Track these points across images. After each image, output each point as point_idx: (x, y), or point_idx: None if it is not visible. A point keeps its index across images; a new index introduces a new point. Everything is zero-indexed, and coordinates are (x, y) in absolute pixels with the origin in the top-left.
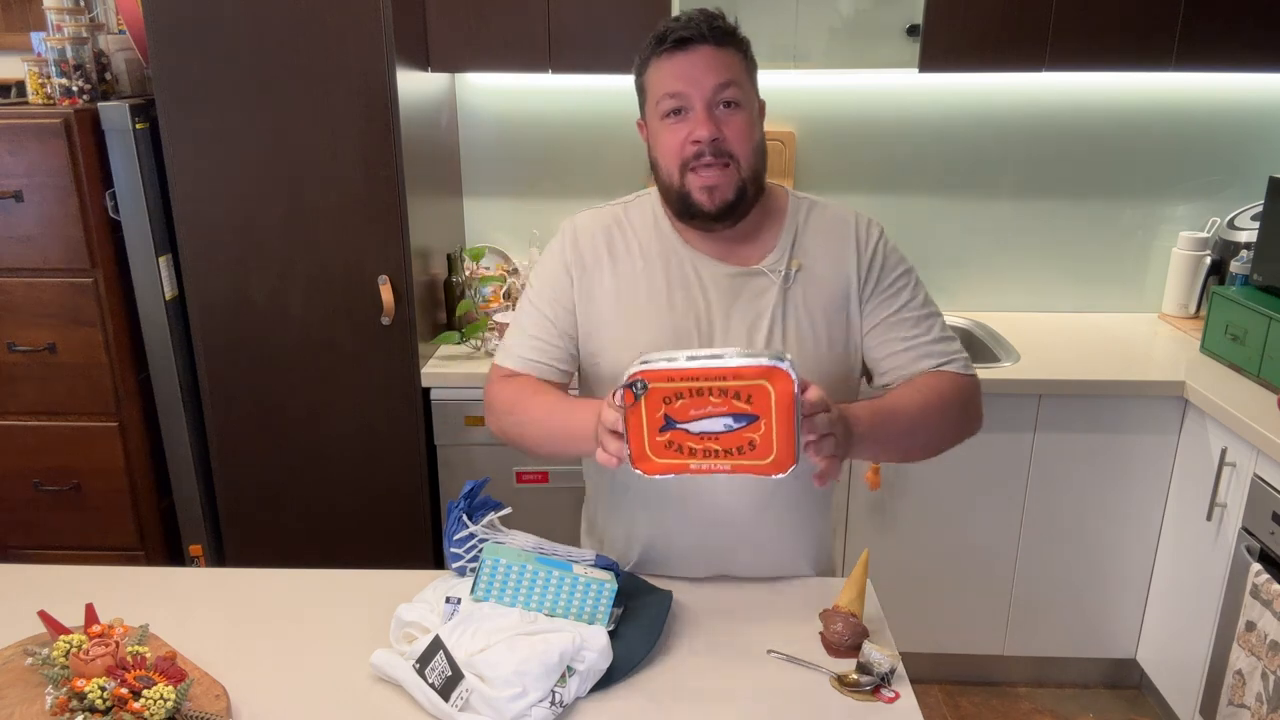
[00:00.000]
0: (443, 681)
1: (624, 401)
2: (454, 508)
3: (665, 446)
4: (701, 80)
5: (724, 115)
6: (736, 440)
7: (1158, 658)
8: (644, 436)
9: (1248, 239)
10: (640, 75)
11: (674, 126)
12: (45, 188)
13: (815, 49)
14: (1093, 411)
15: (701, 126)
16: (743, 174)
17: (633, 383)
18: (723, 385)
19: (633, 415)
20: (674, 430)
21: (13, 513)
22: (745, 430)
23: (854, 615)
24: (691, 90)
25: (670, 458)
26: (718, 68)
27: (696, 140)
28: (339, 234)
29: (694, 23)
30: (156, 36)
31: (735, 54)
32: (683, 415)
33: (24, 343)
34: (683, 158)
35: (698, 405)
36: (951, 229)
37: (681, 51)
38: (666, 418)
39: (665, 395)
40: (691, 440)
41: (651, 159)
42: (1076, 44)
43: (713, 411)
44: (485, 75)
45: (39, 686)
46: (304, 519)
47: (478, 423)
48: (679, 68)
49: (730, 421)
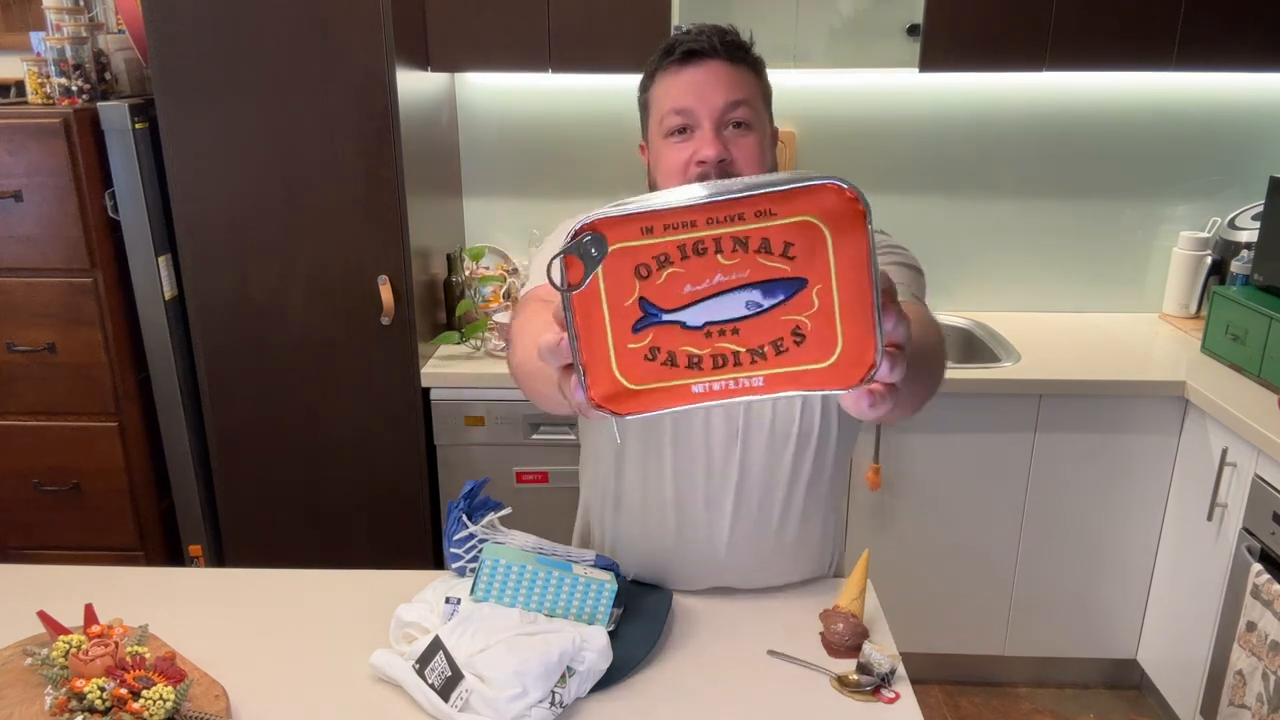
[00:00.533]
0: (442, 682)
1: (564, 280)
2: (454, 508)
3: (645, 359)
4: (710, 96)
5: (733, 136)
6: (771, 328)
7: (1158, 658)
8: (607, 344)
9: (1248, 239)
10: (644, 91)
11: (677, 146)
12: (45, 188)
13: (815, 49)
14: (1093, 411)
15: (708, 146)
16: None
17: (576, 242)
18: (741, 231)
19: (583, 306)
20: (657, 324)
21: (12, 513)
22: (785, 308)
23: (854, 616)
24: (699, 107)
25: (654, 377)
26: (729, 85)
27: (701, 161)
28: (339, 234)
29: (705, 35)
30: (156, 36)
31: (749, 73)
32: (670, 296)
33: (23, 343)
34: (685, 179)
35: (697, 273)
36: (951, 229)
37: (691, 65)
38: (643, 303)
39: (639, 262)
40: (690, 340)
41: (651, 183)
42: (1077, 44)
43: (725, 283)
44: (485, 75)
45: (38, 687)
46: (304, 519)
47: (478, 423)
48: (687, 82)
49: (758, 297)
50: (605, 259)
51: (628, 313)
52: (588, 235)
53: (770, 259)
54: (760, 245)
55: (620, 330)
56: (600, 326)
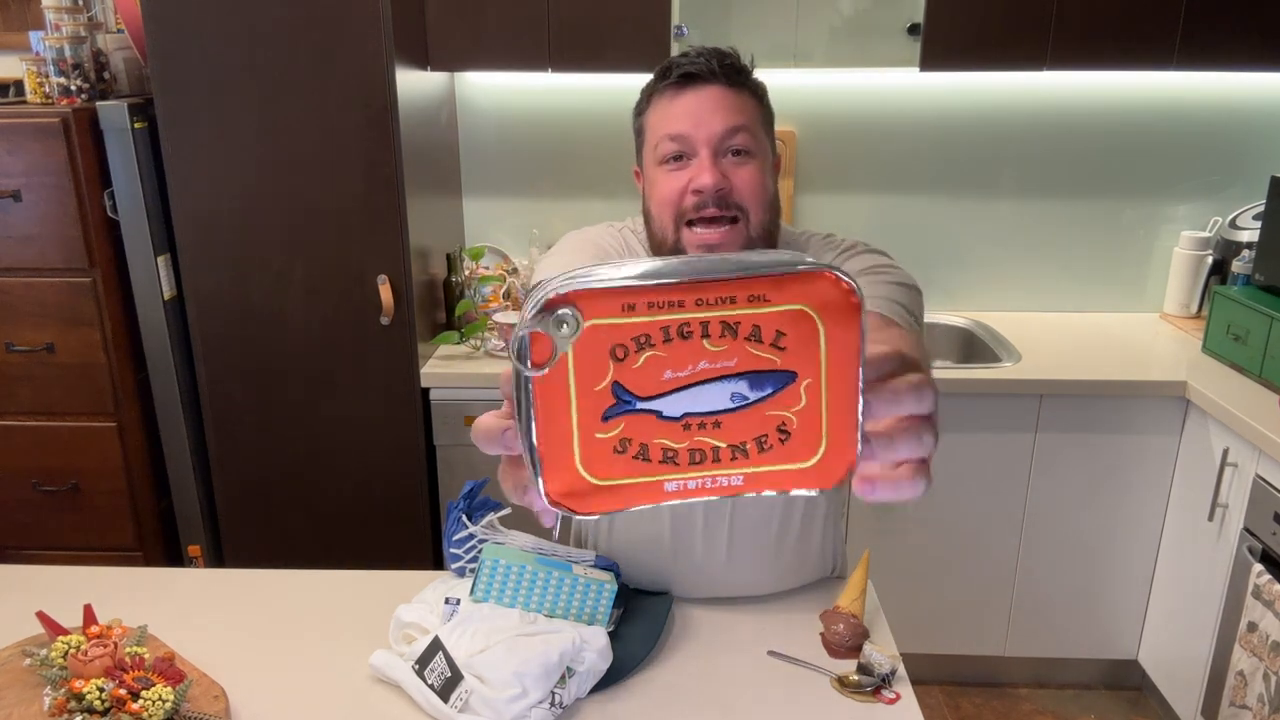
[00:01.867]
0: (442, 683)
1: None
2: (453, 508)
3: (614, 450)
4: (708, 122)
5: (731, 164)
6: (755, 424)
7: (1159, 658)
8: (571, 432)
9: (1249, 239)
10: (639, 115)
11: (673, 174)
12: (43, 187)
13: (815, 48)
14: (1094, 412)
15: (705, 174)
16: (751, 232)
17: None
18: (732, 315)
19: (545, 389)
20: (630, 413)
21: (11, 513)
22: (771, 402)
23: (854, 616)
24: (696, 133)
25: (623, 472)
26: (728, 110)
27: (698, 190)
28: (338, 234)
29: (703, 58)
30: (155, 36)
31: (749, 98)
32: (648, 382)
33: (22, 343)
34: (679, 209)
35: (680, 358)
36: (951, 229)
37: (688, 90)
38: (617, 389)
39: (616, 343)
40: (666, 431)
41: (645, 210)
42: (1078, 43)
43: (709, 370)
44: (485, 74)
45: (37, 687)
46: (303, 519)
47: None
48: (683, 107)
49: (744, 389)
50: (577, 338)
51: (598, 398)
52: (562, 308)
53: (760, 348)
54: (751, 333)
55: (588, 418)
56: (565, 413)
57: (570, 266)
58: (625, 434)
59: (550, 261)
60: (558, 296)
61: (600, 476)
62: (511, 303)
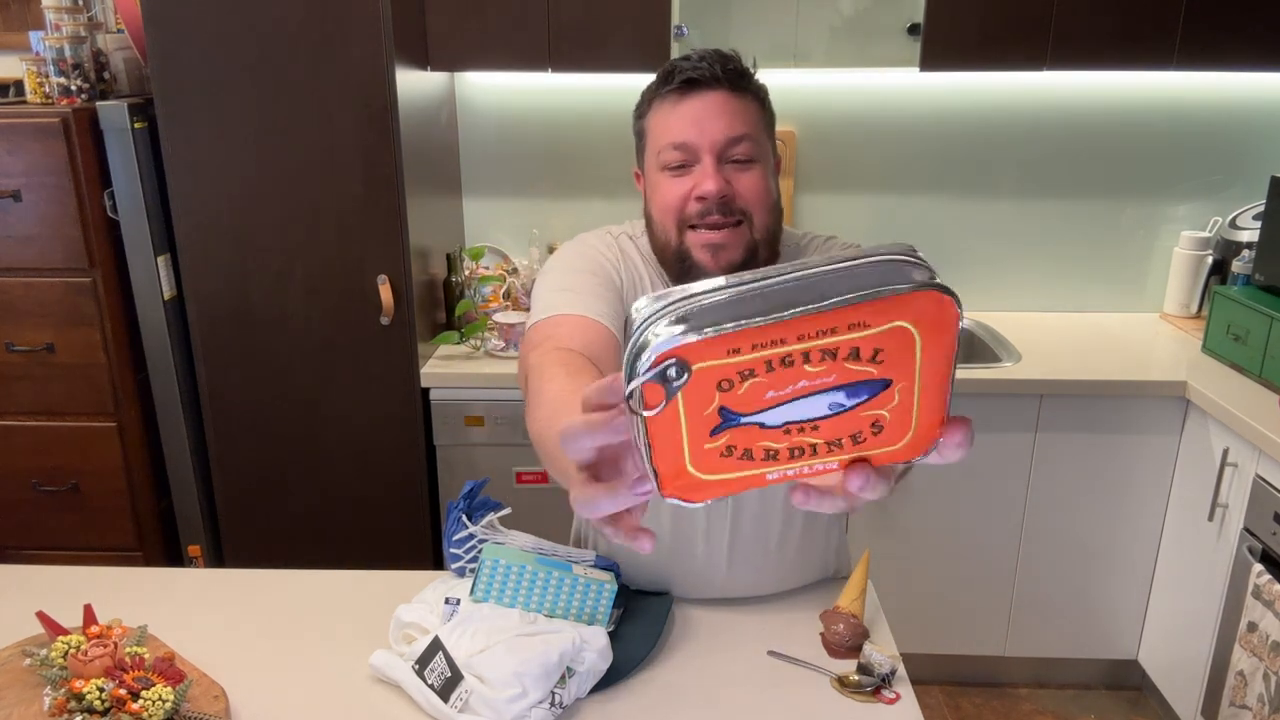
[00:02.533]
0: (442, 682)
1: (643, 406)
2: (453, 508)
3: (721, 455)
4: (711, 129)
5: (734, 171)
6: (851, 424)
7: (1159, 659)
8: (682, 448)
9: (1249, 239)
10: (640, 118)
11: (676, 180)
12: (43, 187)
13: (815, 48)
14: (1094, 412)
15: (709, 180)
16: (755, 234)
17: (663, 367)
18: (832, 343)
19: (660, 422)
20: (737, 428)
21: (11, 513)
22: (867, 405)
23: (854, 616)
24: (699, 140)
25: (729, 469)
26: (731, 117)
27: (702, 196)
28: (338, 234)
29: (706, 63)
30: (155, 36)
31: (752, 103)
32: (752, 402)
33: (22, 343)
34: (682, 215)
35: (781, 381)
36: (951, 229)
37: (690, 95)
38: (724, 411)
39: (722, 379)
40: (768, 436)
41: (647, 214)
42: (1077, 43)
43: (809, 387)
44: (485, 74)
45: (37, 687)
46: (303, 519)
47: (477, 423)
48: (686, 113)
49: (842, 398)
50: (688, 383)
51: (706, 420)
52: (670, 361)
53: (858, 364)
54: (850, 354)
55: (697, 435)
56: (676, 435)
57: (575, 286)
58: (730, 442)
59: (550, 280)
60: (667, 353)
61: (707, 473)
62: (511, 303)
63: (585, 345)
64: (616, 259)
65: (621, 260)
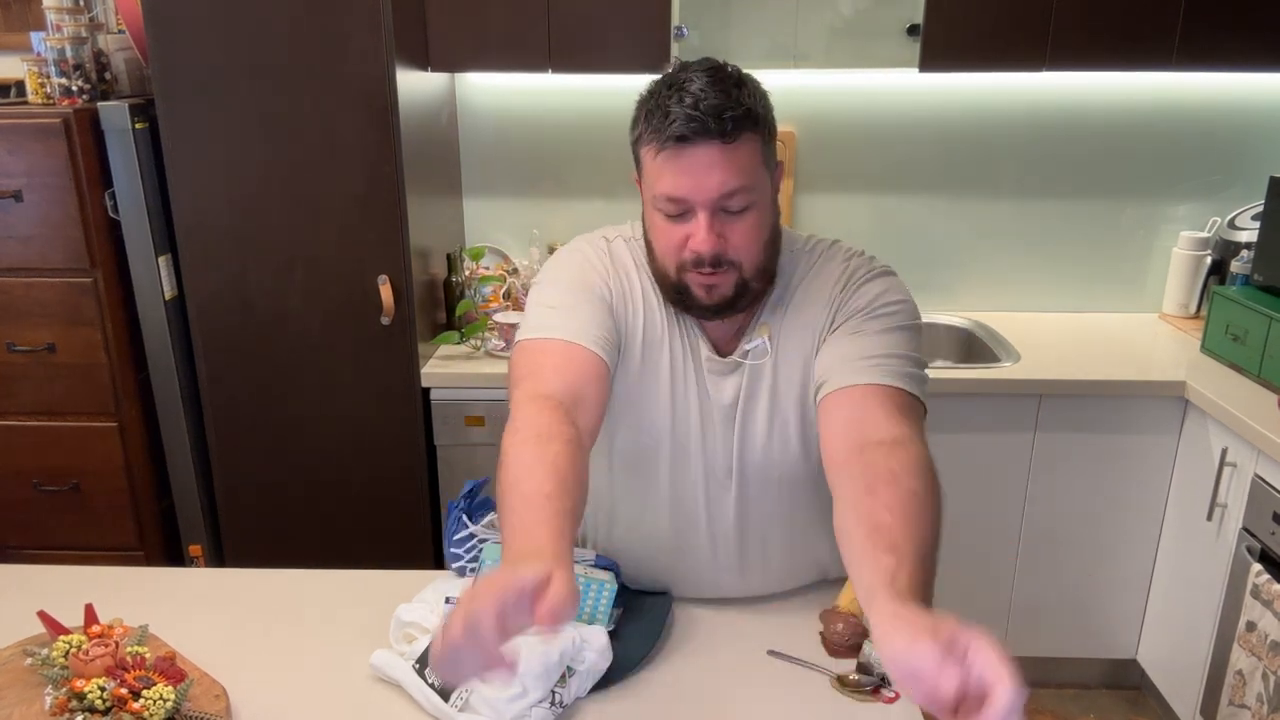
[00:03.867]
0: (442, 682)
1: None
2: (454, 508)
3: None
4: (705, 185)
5: (727, 221)
6: None
7: (1158, 658)
8: None
9: (1248, 239)
10: (634, 142)
11: (672, 226)
12: (45, 188)
13: (815, 48)
14: (1093, 412)
15: (703, 242)
16: (745, 275)
17: None
18: None
19: None
20: None
21: (12, 513)
22: None
23: (854, 615)
24: (694, 195)
25: None
26: (725, 170)
27: (695, 252)
28: (339, 234)
29: (699, 116)
30: (156, 36)
31: (747, 144)
32: None
33: (23, 343)
34: (679, 259)
35: None
36: (951, 229)
37: (685, 150)
38: None
39: None
40: None
41: (647, 238)
42: (1077, 44)
43: None
44: (485, 75)
45: (38, 687)
46: (304, 519)
47: (478, 423)
48: (681, 168)
49: None
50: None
51: None
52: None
53: None
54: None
55: None
56: None
57: (565, 305)
58: None
59: (542, 294)
60: None
61: None
62: (511, 303)
63: (567, 385)
64: (607, 270)
65: (612, 271)
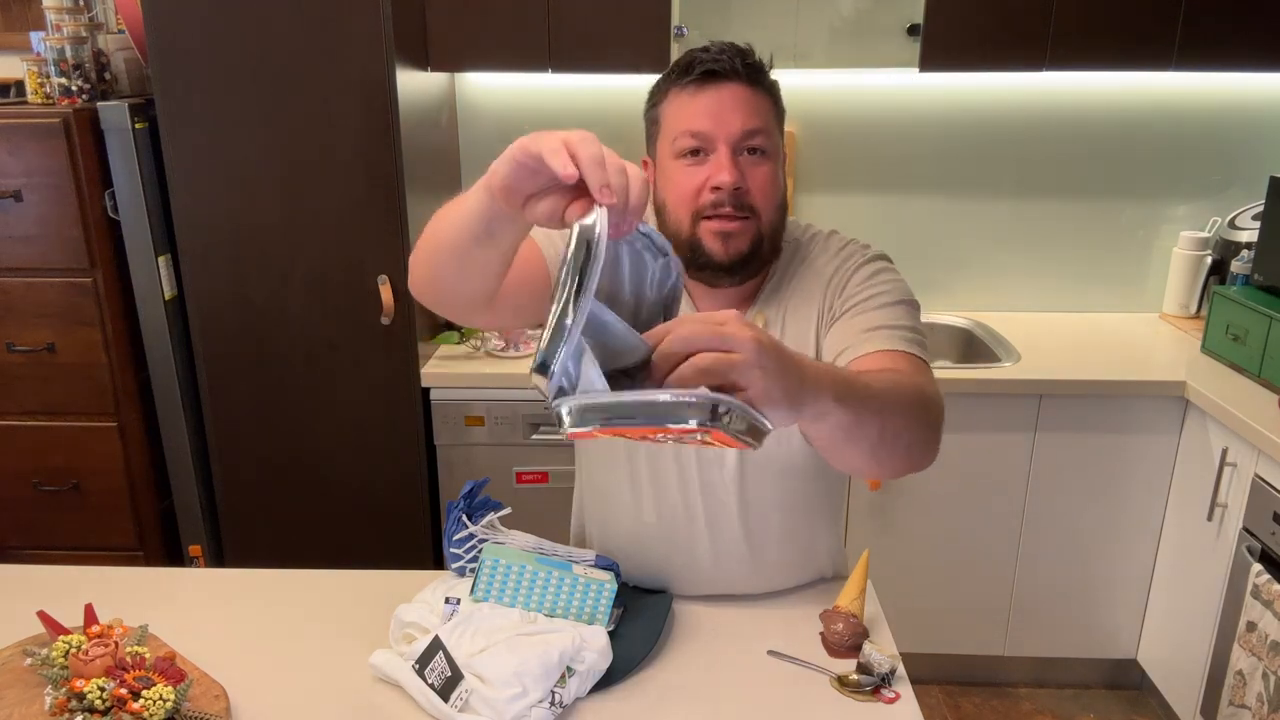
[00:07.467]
0: (442, 682)
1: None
2: (453, 508)
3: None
4: (729, 120)
5: (748, 163)
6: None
7: (1158, 658)
8: None
9: (1249, 239)
10: (654, 106)
11: (690, 169)
12: (44, 188)
13: (816, 48)
14: (1093, 411)
15: (724, 172)
16: (762, 229)
17: None
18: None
19: None
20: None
21: (12, 513)
22: None
23: (854, 616)
24: (716, 130)
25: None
26: (748, 109)
27: (717, 187)
28: (339, 234)
29: (725, 56)
30: (156, 36)
31: (767, 97)
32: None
33: (23, 343)
34: (697, 205)
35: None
36: (951, 229)
37: (709, 86)
38: None
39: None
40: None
41: (657, 202)
42: (1077, 44)
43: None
44: (485, 74)
45: (38, 687)
46: (303, 519)
47: (478, 423)
48: (704, 104)
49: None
50: None
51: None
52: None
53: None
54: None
55: None
56: None
57: None
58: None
59: None
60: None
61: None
62: None
63: None
64: None
65: None
